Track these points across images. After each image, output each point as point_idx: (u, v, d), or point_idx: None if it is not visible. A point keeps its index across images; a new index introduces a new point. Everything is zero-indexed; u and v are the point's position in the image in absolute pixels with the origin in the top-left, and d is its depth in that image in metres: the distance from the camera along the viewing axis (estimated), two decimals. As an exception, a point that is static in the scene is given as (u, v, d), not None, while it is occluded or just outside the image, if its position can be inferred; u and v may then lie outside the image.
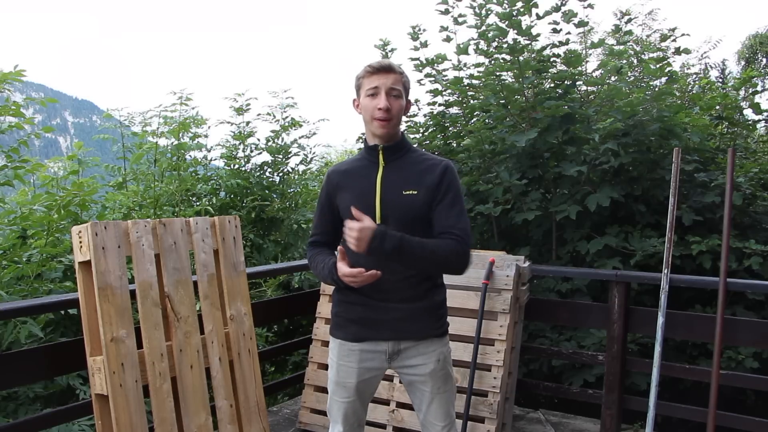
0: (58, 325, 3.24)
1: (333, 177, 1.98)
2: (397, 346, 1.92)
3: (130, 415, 2.15)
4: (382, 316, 1.90)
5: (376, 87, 1.86)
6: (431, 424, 1.98)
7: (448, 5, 4.35)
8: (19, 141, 3.57)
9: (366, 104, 1.89)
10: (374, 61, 1.92)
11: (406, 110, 1.94)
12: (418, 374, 1.93)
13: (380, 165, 1.91)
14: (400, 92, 1.88)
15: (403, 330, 1.91)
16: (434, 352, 1.93)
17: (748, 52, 12.85)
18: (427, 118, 4.83)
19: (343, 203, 1.91)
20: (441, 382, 1.95)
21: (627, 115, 3.99)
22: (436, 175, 1.88)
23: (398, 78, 1.88)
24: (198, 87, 6.73)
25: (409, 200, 1.84)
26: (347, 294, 1.93)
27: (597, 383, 3.62)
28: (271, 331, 4.68)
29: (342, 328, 1.96)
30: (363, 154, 1.98)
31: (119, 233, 2.21)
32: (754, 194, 4.12)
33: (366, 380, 1.96)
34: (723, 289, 2.77)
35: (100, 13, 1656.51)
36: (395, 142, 1.93)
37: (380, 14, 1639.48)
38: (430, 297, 1.94)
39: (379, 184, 1.88)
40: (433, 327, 1.94)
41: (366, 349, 1.93)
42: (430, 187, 1.86)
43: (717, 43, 6.68)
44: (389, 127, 1.88)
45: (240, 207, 5.03)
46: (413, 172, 1.90)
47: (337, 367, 1.96)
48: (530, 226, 4.25)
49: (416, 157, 1.95)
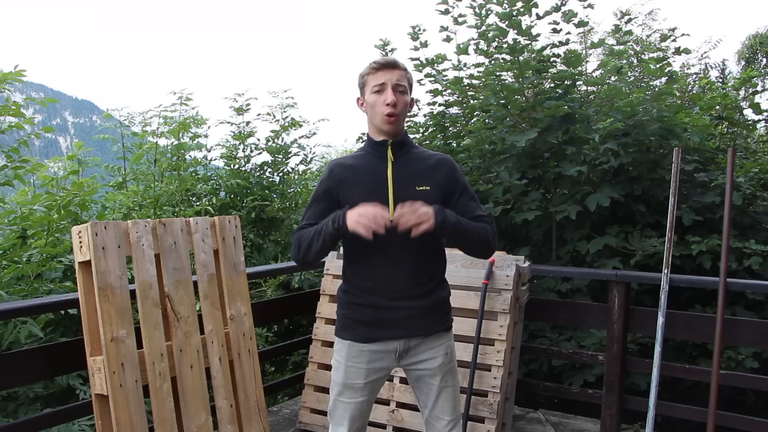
0: (58, 325, 3.23)
1: (336, 171, 1.94)
2: (407, 343, 1.93)
3: (130, 415, 2.15)
4: (393, 315, 1.90)
5: (382, 83, 1.86)
6: (438, 419, 1.97)
7: (448, 5, 4.35)
8: (19, 141, 3.57)
9: (372, 101, 1.88)
10: (379, 57, 1.92)
11: (410, 106, 1.95)
12: (427, 368, 1.95)
13: (389, 160, 1.91)
14: (405, 88, 1.89)
15: (414, 327, 1.92)
16: (442, 345, 1.96)
17: (748, 52, 12.84)
18: (427, 118, 4.83)
19: (349, 198, 1.87)
20: (449, 376, 1.97)
21: (627, 115, 3.99)
22: (446, 171, 1.95)
23: (403, 74, 1.89)
24: (198, 87, 6.73)
25: (423, 195, 1.85)
26: (357, 296, 1.93)
27: (597, 383, 3.62)
28: (271, 331, 4.68)
29: (351, 329, 1.95)
30: (367, 150, 1.97)
31: (119, 233, 2.21)
32: (754, 194, 4.12)
33: (374, 380, 1.97)
34: (723, 289, 2.77)
35: (100, 13, 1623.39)
36: (402, 138, 1.94)
37: (380, 14, 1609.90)
38: (437, 293, 1.96)
39: (391, 179, 1.88)
40: (441, 322, 1.98)
41: (376, 349, 1.93)
42: (442, 183, 1.91)
43: (717, 43, 6.68)
44: (397, 122, 1.89)
45: (240, 207, 5.03)
46: (422, 168, 1.93)
47: (345, 369, 1.95)
48: (530, 226, 4.25)
49: (420, 153, 1.98)
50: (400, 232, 1.75)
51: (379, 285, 1.90)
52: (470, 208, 1.95)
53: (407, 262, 1.88)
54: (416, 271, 1.90)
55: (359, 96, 1.97)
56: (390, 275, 1.89)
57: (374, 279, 1.91)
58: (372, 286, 1.91)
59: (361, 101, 1.96)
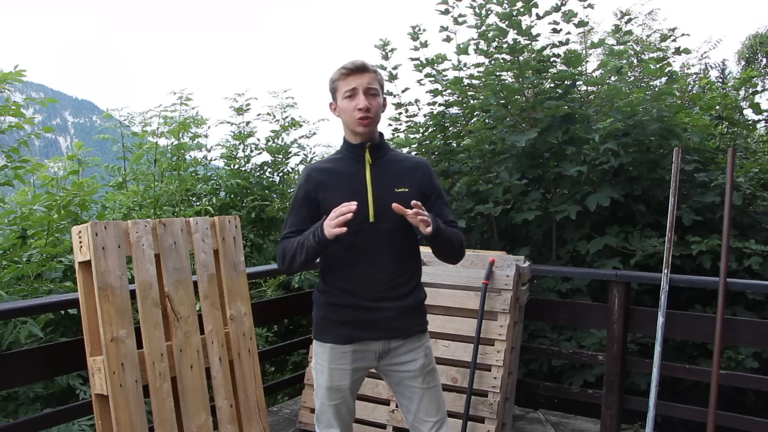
0: (58, 325, 3.23)
1: (314, 175, 1.95)
2: (387, 345, 1.95)
3: (130, 415, 2.14)
4: (373, 316, 1.91)
5: (353, 88, 1.87)
6: (423, 421, 1.98)
7: (448, 5, 4.35)
8: (19, 141, 3.56)
9: (345, 106, 1.89)
10: (347, 62, 1.91)
11: (383, 107, 1.97)
12: (408, 370, 1.96)
13: (367, 163, 1.92)
14: (377, 90, 1.91)
15: (393, 328, 1.93)
16: (421, 347, 1.98)
17: (748, 52, 12.84)
18: (427, 118, 4.83)
19: (329, 201, 1.88)
20: (430, 376, 2.00)
21: (627, 115, 3.99)
22: (423, 174, 1.98)
23: (373, 77, 1.90)
24: (198, 87, 6.73)
25: (402, 197, 1.87)
26: (335, 297, 1.94)
27: (597, 383, 3.62)
28: (271, 331, 4.68)
29: (330, 331, 1.96)
30: (344, 152, 1.98)
31: (119, 233, 2.21)
32: (754, 194, 4.12)
33: (357, 379, 2.01)
34: (723, 289, 2.77)
35: (100, 13, 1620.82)
36: (379, 141, 1.97)
37: (380, 14, 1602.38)
38: (416, 294, 1.99)
39: (370, 181, 1.90)
40: (420, 323, 2.00)
41: (357, 349, 1.94)
42: (420, 185, 1.95)
43: (717, 43, 6.68)
44: (371, 125, 1.90)
45: (240, 207, 5.02)
46: (400, 170, 1.95)
47: (329, 372, 1.96)
48: (530, 226, 4.25)
49: (396, 156, 2.02)
50: (381, 232, 1.83)
51: (358, 286, 1.91)
52: (444, 212, 1.99)
53: (387, 263, 1.90)
54: (395, 272, 1.92)
55: (331, 101, 1.97)
56: (370, 276, 1.90)
57: (354, 280, 1.92)
58: (352, 287, 1.92)
59: (333, 106, 1.97)
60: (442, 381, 3.03)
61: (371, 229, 1.87)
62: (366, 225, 1.87)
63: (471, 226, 4.42)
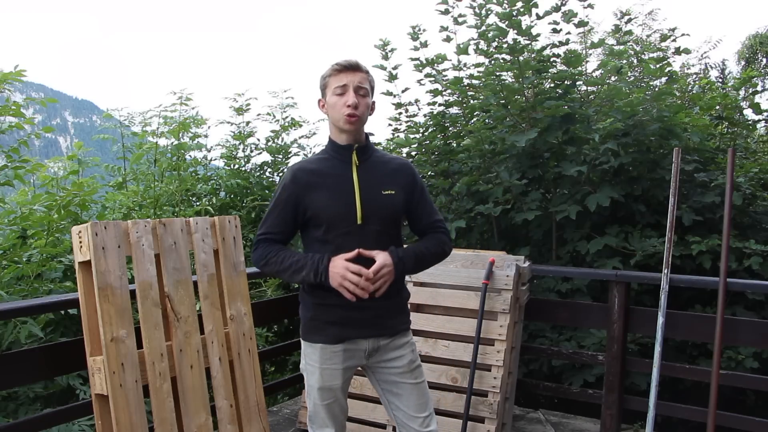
0: (58, 325, 3.24)
1: (300, 175, 1.93)
2: (376, 342, 1.96)
3: (130, 415, 2.14)
4: (362, 315, 1.92)
5: (344, 85, 1.88)
6: (413, 417, 1.99)
7: (448, 5, 4.34)
8: (19, 141, 3.57)
9: (333, 102, 1.90)
10: (341, 59, 1.93)
11: (371, 109, 1.97)
12: (397, 366, 1.98)
13: (354, 164, 1.92)
14: (367, 91, 1.91)
15: (382, 326, 1.96)
16: (407, 343, 2.02)
17: (748, 52, 12.84)
18: (427, 118, 4.83)
19: (315, 203, 1.89)
20: (417, 372, 2.02)
21: (627, 115, 3.99)
22: (408, 175, 2.00)
23: (365, 76, 1.91)
24: (198, 87, 6.74)
25: (389, 200, 1.91)
26: (324, 296, 1.93)
27: (597, 383, 3.62)
28: (271, 331, 4.68)
29: (320, 331, 1.96)
30: (330, 153, 1.97)
31: (119, 233, 2.21)
32: (754, 194, 4.12)
33: (347, 378, 2.02)
34: (723, 289, 2.77)
35: (100, 13, 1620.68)
36: (366, 143, 1.97)
37: (380, 14, 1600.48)
38: (401, 293, 2.04)
39: (357, 183, 1.90)
40: (404, 321, 2.04)
41: (347, 348, 1.95)
42: (405, 187, 1.97)
43: (717, 43, 6.69)
44: (358, 124, 1.90)
45: (240, 207, 5.02)
46: (386, 172, 1.96)
47: (320, 372, 1.96)
48: (530, 226, 4.25)
49: (381, 157, 2.02)
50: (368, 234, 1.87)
51: None
52: (428, 212, 2.04)
53: (374, 262, 1.89)
54: None
55: (320, 98, 1.98)
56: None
57: None
58: None
59: (322, 103, 1.97)
60: (442, 381, 3.05)
61: (359, 231, 1.88)
62: (353, 227, 1.88)
63: (471, 226, 4.41)
